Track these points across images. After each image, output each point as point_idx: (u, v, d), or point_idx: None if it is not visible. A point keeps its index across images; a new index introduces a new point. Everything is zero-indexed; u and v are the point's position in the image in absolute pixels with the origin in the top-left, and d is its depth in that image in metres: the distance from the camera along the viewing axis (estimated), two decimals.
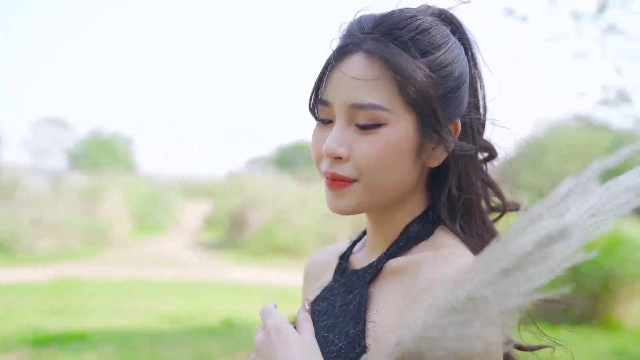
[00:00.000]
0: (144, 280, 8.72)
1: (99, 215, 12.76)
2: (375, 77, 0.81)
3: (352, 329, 0.84)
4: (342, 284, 0.93)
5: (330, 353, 0.84)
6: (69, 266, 9.72)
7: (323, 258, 1.05)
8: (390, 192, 0.85)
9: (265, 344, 0.84)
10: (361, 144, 0.82)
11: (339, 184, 0.83)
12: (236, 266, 10.41)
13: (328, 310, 0.91)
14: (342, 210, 0.86)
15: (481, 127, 0.92)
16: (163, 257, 11.12)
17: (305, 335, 0.83)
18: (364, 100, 0.81)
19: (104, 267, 9.85)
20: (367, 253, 0.94)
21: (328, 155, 0.83)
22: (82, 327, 5.73)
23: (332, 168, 0.84)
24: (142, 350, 5.01)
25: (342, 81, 0.82)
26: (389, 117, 0.81)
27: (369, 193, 0.84)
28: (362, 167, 0.82)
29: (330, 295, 0.93)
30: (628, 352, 5.24)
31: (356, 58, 0.82)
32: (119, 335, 5.48)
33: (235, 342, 5.32)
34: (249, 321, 6.19)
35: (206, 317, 6.35)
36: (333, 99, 0.83)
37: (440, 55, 0.83)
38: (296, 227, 11.61)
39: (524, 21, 4.19)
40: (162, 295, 7.63)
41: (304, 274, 1.08)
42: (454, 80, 0.84)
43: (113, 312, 6.55)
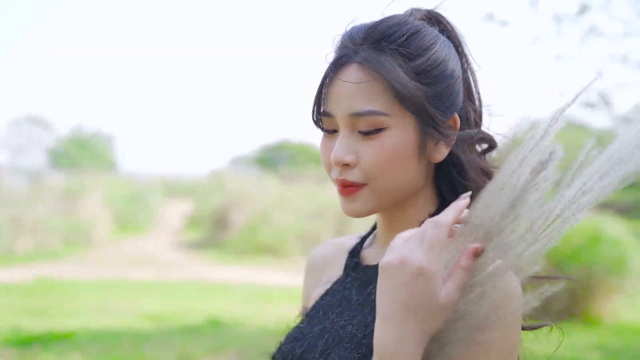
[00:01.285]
0: (126, 280, 8.65)
1: (79, 215, 12.62)
2: (370, 86, 0.85)
3: (372, 321, 0.87)
4: (355, 278, 0.96)
5: (351, 343, 0.86)
6: (49, 266, 9.60)
7: (327, 252, 1.08)
8: (399, 192, 0.89)
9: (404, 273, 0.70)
10: (366, 150, 0.86)
11: (350, 189, 0.88)
12: (219, 266, 10.37)
13: (342, 303, 0.94)
14: (356, 214, 0.90)
15: (478, 118, 0.95)
16: (145, 257, 11.03)
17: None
18: (363, 108, 0.85)
19: (85, 268, 9.75)
20: (379, 249, 0.97)
21: (336, 164, 0.88)
22: (65, 327, 5.68)
23: (342, 175, 0.88)
24: (127, 350, 4.98)
25: (340, 93, 0.87)
26: (388, 121, 0.85)
27: (378, 195, 0.88)
28: (369, 171, 0.87)
29: (343, 289, 0.96)
30: (607, 347, 5.32)
31: (351, 69, 0.86)
32: (104, 335, 5.44)
33: (220, 341, 5.31)
34: (234, 320, 6.18)
35: (190, 317, 6.33)
36: (335, 110, 0.88)
37: (430, 56, 0.87)
38: (279, 227, 11.59)
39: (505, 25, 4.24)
40: (145, 295, 7.58)
41: (306, 268, 1.11)
42: (447, 77, 0.88)
43: (96, 312, 6.50)
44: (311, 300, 1.05)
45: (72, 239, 12.00)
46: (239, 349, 5.08)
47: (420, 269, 0.68)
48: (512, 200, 0.70)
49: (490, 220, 0.71)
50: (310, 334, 0.94)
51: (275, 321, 6.09)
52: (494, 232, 0.71)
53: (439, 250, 0.69)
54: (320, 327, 0.94)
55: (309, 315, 0.99)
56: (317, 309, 0.98)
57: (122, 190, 15.88)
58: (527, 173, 0.70)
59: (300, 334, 0.96)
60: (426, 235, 0.70)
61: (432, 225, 0.71)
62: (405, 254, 0.69)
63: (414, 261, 0.68)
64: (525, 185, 0.70)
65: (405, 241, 0.71)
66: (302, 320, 1.00)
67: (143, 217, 15.39)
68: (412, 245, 0.70)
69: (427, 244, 0.69)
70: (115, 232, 13.69)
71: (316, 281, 1.07)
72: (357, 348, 0.85)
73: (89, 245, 12.14)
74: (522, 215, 0.70)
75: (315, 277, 1.07)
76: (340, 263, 1.03)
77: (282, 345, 0.98)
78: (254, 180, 15.85)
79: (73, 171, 16.86)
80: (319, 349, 0.90)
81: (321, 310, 0.97)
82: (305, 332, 0.95)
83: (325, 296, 0.99)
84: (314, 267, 1.09)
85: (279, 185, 14.74)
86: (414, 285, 0.68)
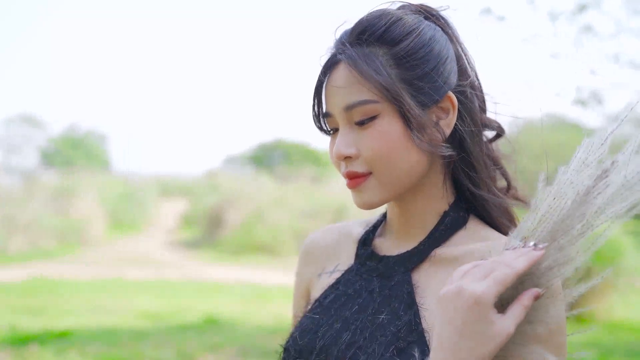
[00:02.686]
0: (121, 280, 8.64)
1: (73, 215, 12.57)
2: (356, 81, 0.88)
3: (404, 314, 0.87)
4: (373, 268, 0.95)
5: (384, 337, 0.86)
6: (43, 266, 9.57)
7: (328, 239, 1.06)
8: (404, 178, 0.90)
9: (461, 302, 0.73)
10: (363, 140, 0.89)
11: (356, 180, 0.90)
12: (214, 265, 10.36)
13: (362, 294, 0.93)
14: (367, 205, 0.91)
15: (481, 102, 0.96)
16: (139, 256, 11.01)
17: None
18: (354, 99, 0.88)
19: (80, 267, 9.72)
20: (393, 239, 0.97)
21: (339, 158, 0.91)
22: (62, 326, 5.67)
23: (347, 168, 0.91)
24: (125, 348, 4.98)
25: (334, 92, 0.90)
26: (379, 107, 0.87)
27: (385, 183, 0.89)
28: (370, 160, 0.89)
29: (360, 279, 0.95)
30: (600, 343, 5.36)
31: (339, 69, 0.90)
32: (101, 334, 5.44)
33: (219, 339, 5.32)
34: (231, 319, 6.19)
35: (187, 315, 6.33)
36: (332, 109, 0.91)
37: (413, 39, 0.89)
38: (274, 226, 11.60)
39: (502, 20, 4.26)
40: (141, 293, 7.57)
41: (304, 254, 1.07)
42: (434, 57, 0.89)
43: (93, 311, 6.49)
44: (317, 289, 1.01)
45: (66, 238, 11.96)
46: (237, 346, 5.09)
47: (478, 298, 0.71)
48: (576, 205, 0.75)
49: (553, 225, 0.76)
50: (329, 326, 0.92)
51: (272, 319, 6.11)
52: (559, 233, 0.76)
53: (501, 289, 0.72)
54: (341, 319, 0.92)
55: (323, 305, 0.96)
56: (331, 298, 0.96)
57: (116, 190, 15.83)
58: (587, 180, 0.75)
59: (315, 325, 0.94)
60: (494, 272, 0.73)
61: (504, 265, 0.73)
62: (463, 284, 0.73)
63: (471, 290, 0.71)
64: (588, 191, 0.75)
65: (465, 273, 0.75)
66: (312, 311, 0.97)
67: (138, 216, 15.35)
68: (473, 277, 0.73)
69: (493, 280, 0.72)
70: (110, 231, 13.66)
71: (318, 269, 1.04)
72: (393, 342, 0.85)
73: (83, 244, 12.11)
74: (587, 219, 0.75)
75: (317, 265, 1.04)
76: (347, 251, 1.01)
77: (295, 337, 0.95)
78: (249, 179, 15.83)
79: (66, 170, 16.78)
80: (345, 342, 0.88)
81: (338, 301, 0.94)
82: (321, 323, 0.93)
83: (337, 285, 0.97)
84: (314, 255, 1.06)
85: (274, 184, 14.73)
86: (469, 312, 0.71)
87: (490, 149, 0.96)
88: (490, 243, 0.88)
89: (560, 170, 0.78)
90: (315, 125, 0.94)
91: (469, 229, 0.93)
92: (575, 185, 0.76)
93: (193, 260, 10.95)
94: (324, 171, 18.32)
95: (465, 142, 0.91)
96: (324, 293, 0.98)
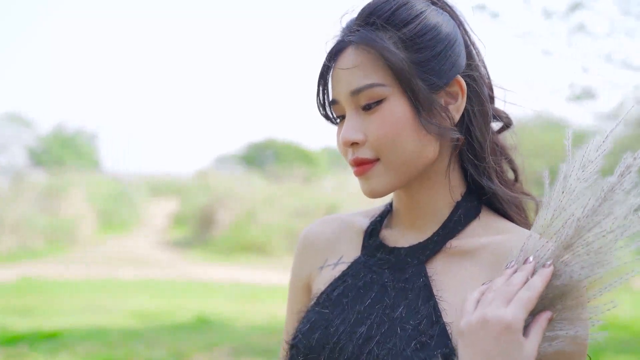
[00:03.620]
0: (112, 279, 8.59)
1: (63, 214, 12.48)
2: (363, 62, 0.87)
3: (423, 306, 0.85)
4: (384, 260, 0.92)
5: (404, 331, 0.84)
6: (32, 266, 9.49)
7: (328, 230, 1.02)
8: (412, 164, 0.87)
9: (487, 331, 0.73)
10: (370, 125, 0.87)
11: (363, 167, 0.88)
12: (205, 264, 10.33)
13: (374, 287, 0.90)
14: (375, 192, 0.89)
15: (490, 91, 0.94)
16: (130, 256, 10.95)
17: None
18: (360, 83, 0.86)
19: (69, 267, 9.65)
20: (402, 231, 0.94)
21: (345, 144, 0.89)
22: (52, 327, 5.62)
23: (354, 155, 0.88)
24: (117, 348, 4.95)
25: (340, 77, 0.88)
26: (387, 91, 0.86)
27: (392, 169, 0.87)
28: (378, 145, 0.87)
29: (370, 272, 0.92)
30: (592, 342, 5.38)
31: (346, 54, 0.88)
32: (92, 334, 5.40)
33: (211, 338, 5.29)
34: (222, 318, 6.16)
35: (179, 315, 6.30)
36: (338, 95, 0.89)
37: (420, 22, 0.88)
38: (265, 225, 11.58)
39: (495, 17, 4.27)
40: (132, 293, 7.53)
41: (302, 246, 1.03)
42: (441, 40, 0.88)
43: (83, 311, 6.44)
44: (320, 282, 0.97)
45: (55, 238, 11.87)
46: (230, 346, 5.07)
47: (509, 324, 0.71)
48: (600, 200, 0.76)
49: (577, 221, 0.77)
50: (342, 321, 0.88)
51: (264, 319, 6.09)
52: (584, 232, 0.76)
53: (528, 310, 0.73)
54: (354, 313, 0.88)
55: (331, 298, 0.92)
56: (339, 292, 0.92)
57: (106, 189, 15.72)
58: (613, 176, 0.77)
59: (325, 320, 0.90)
60: (518, 295, 0.73)
61: (526, 287, 0.74)
62: (488, 312, 0.72)
63: (499, 317, 0.71)
64: (612, 187, 0.76)
65: (481, 300, 0.75)
66: (320, 305, 0.93)
67: (128, 216, 15.27)
68: (495, 303, 0.73)
69: (520, 303, 0.72)
70: (100, 231, 13.57)
71: (319, 262, 1.00)
72: (415, 336, 0.82)
73: (72, 244, 12.02)
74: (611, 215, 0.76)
75: (317, 258, 1.00)
76: (351, 242, 0.98)
77: (304, 332, 0.91)
78: (240, 178, 15.79)
79: (56, 170, 16.65)
80: (361, 337, 0.85)
81: (348, 294, 0.91)
82: (332, 318, 0.89)
83: (345, 278, 0.93)
84: (314, 247, 1.01)
85: (265, 183, 14.71)
86: (501, 340, 0.71)
87: (498, 139, 0.95)
88: (509, 236, 0.86)
89: (563, 166, 0.79)
90: (320, 114, 0.91)
91: (483, 219, 0.91)
92: (584, 180, 0.78)
93: (184, 259, 10.90)
94: (315, 171, 18.33)
95: (474, 129, 0.90)
96: (331, 286, 0.94)
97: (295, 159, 21.50)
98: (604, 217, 0.76)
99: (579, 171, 0.79)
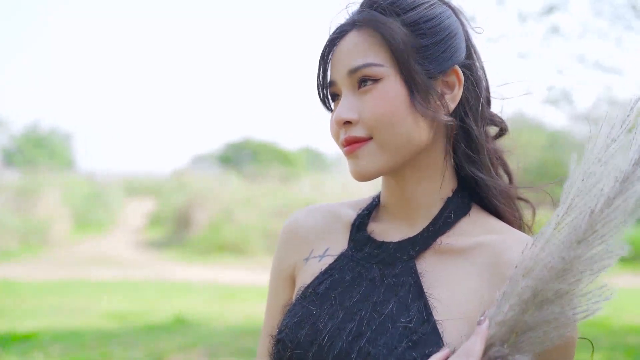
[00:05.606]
0: (86, 280, 8.48)
1: (36, 215, 12.28)
2: (363, 43, 0.88)
3: (413, 303, 0.84)
4: (372, 255, 0.91)
5: (395, 329, 0.82)
6: (5, 267, 9.32)
7: (314, 220, 0.99)
8: (406, 147, 0.87)
9: None
10: (365, 104, 0.87)
11: (354, 146, 0.87)
12: (182, 265, 10.25)
13: (362, 282, 0.89)
14: (364, 174, 0.88)
15: (487, 92, 0.94)
16: (105, 257, 10.82)
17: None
18: (358, 62, 0.87)
19: (43, 268, 9.50)
20: (392, 224, 0.93)
21: (338, 123, 0.88)
22: (26, 328, 5.53)
23: (345, 134, 0.88)
24: (92, 350, 4.89)
25: (340, 58, 0.89)
26: (383, 71, 0.87)
27: (384, 150, 0.87)
28: (371, 124, 0.87)
29: (357, 266, 0.90)
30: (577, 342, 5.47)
31: (348, 36, 0.90)
32: (67, 335, 5.33)
33: (188, 339, 5.26)
34: (199, 319, 6.12)
35: (155, 316, 6.24)
36: (336, 75, 0.90)
37: (423, 9, 0.90)
38: (242, 225, 11.52)
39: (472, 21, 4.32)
40: (107, 294, 7.44)
41: (286, 235, 1.00)
42: (443, 29, 0.90)
43: (57, 313, 6.35)
44: (305, 275, 0.94)
45: (28, 239, 11.67)
46: (207, 346, 5.04)
47: None
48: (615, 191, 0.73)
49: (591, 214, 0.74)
50: (330, 316, 0.86)
51: (241, 319, 6.07)
52: (598, 226, 0.74)
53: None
54: (343, 308, 0.86)
55: (318, 293, 0.90)
56: (326, 286, 0.90)
57: (81, 189, 15.51)
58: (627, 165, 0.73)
59: (312, 315, 0.87)
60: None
61: (464, 355, 0.75)
62: None
63: None
64: (627, 176, 0.72)
65: None
66: (306, 299, 0.90)
67: (103, 216, 15.08)
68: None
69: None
70: (75, 231, 13.38)
71: (304, 253, 0.97)
72: (406, 335, 0.81)
73: (46, 245, 11.83)
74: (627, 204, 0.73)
75: (303, 248, 0.97)
76: (337, 234, 0.95)
77: (291, 327, 0.88)
78: (217, 178, 15.69)
79: (29, 170, 16.37)
80: (351, 333, 0.83)
81: (334, 289, 0.89)
82: (320, 313, 0.87)
83: (332, 272, 0.91)
84: (300, 236, 0.98)
85: (243, 183, 14.64)
86: None
87: (494, 143, 0.94)
88: (502, 237, 0.86)
89: (586, 150, 0.76)
90: (318, 96, 0.92)
91: (472, 217, 0.90)
92: (605, 163, 0.73)
93: (161, 260, 10.81)
94: (293, 171, 18.29)
95: (469, 121, 0.90)
96: (317, 279, 0.92)
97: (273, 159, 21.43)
98: (616, 211, 0.72)
99: (601, 153, 0.75)
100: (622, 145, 0.73)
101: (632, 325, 6.21)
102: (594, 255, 0.74)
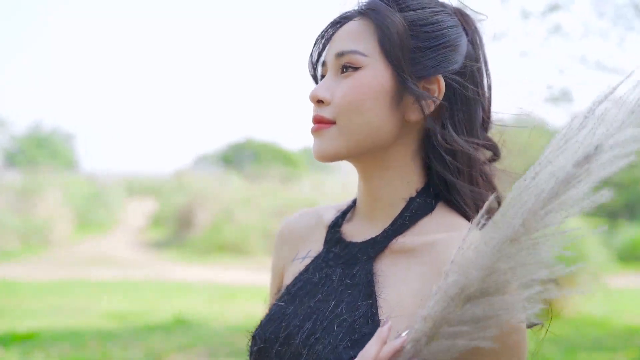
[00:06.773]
0: (87, 280, 8.49)
1: (38, 215, 12.30)
2: (358, 31, 0.90)
3: (362, 303, 0.86)
4: (338, 255, 0.93)
5: (341, 327, 0.84)
6: (6, 267, 9.34)
7: (302, 224, 1.02)
8: (366, 136, 0.88)
9: None
10: (339, 88, 0.90)
11: (319, 126, 0.90)
12: (183, 265, 10.26)
13: (326, 282, 0.91)
14: (323, 154, 0.90)
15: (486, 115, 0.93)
16: (106, 257, 10.83)
17: None
18: (346, 47, 0.90)
19: (44, 268, 9.52)
20: (361, 224, 0.94)
21: (312, 100, 0.91)
22: (27, 328, 5.54)
23: (315, 112, 0.91)
24: (92, 349, 4.90)
25: (334, 41, 0.92)
26: (365, 61, 0.89)
27: (344, 135, 0.89)
28: (338, 107, 0.89)
29: (326, 266, 0.93)
30: (567, 339, 5.47)
31: (351, 22, 0.92)
32: (68, 335, 5.34)
33: (188, 339, 5.26)
34: (199, 319, 6.13)
35: (155, 315, 6.26)
36: (327, 56, 0.93)
37: (425, 12, 0.91)
38: (243, 226, 11.53)
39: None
40: (108, 294, 7.45)
41: (279, 238, 1.04)
42: (438, 37, 0.90)
43: (58, 313, 6.36)
44: (289, 275, 0.98)
45: (29, 239, 11.69)
46: (207, 346, 5.05)
47: None
48: (553, 192, 0.70)
49: (527, 213, 0.71)
50: (294, 315, 0.90)
51: (241, 319, 6.07)
52: (532, 227, 0.71)
53: None
54: (305, 308, 0.90)
55: (290, 293, 0.93)
56: (299, 286, 0.93)
57: (82, 190, 15.53)
58: (568, 165, 0.70)
59: (282, 314, 0.91)
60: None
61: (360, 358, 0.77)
62: None
63: None
64: (567, 178, 0.70)
65: None
66: (281, 299, 0.94)
67: (105, 216, 15.11)
68: None
69: None
70: (76, 232, 13.41)
71: (292, 254, 1.00)
72: (349, 334, 0.83)
73: (47, 245, 11.85)
74: (564, 207, 0.70)
75: (291, 250, 1.01)
76: (319, 236, 0.98)
77: (263, 325, 0.92)
78: (218, 179, 15.71)
79: (31, 170, 16.39)
80: (306, 332, 0.86)
81: (304, 289, 0.92)
82: (287, 312, 0.91)
83: (306, 273, 0.94)
84: (289, 239, 1.02)
85: (244, 184, 14.66)
86: None
87: (486, 168, 0.92)
88: (451, 234, 0.85)
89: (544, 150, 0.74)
90: (309, 72, 0.96)
91: (435, 216, 0.89)
92: (551, 163, 0.71)
93: (161, 260, 10.82)
94: (294, 171, 18.30)
95: (452, 124, 0.88)
96: (295, 280, 0.95)
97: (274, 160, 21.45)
98: (556, 212, 0.70)
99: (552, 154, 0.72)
100: (573, 146, 0.71)
101: (633, 326, 6.21)
102: (525, 261, 0.71)
